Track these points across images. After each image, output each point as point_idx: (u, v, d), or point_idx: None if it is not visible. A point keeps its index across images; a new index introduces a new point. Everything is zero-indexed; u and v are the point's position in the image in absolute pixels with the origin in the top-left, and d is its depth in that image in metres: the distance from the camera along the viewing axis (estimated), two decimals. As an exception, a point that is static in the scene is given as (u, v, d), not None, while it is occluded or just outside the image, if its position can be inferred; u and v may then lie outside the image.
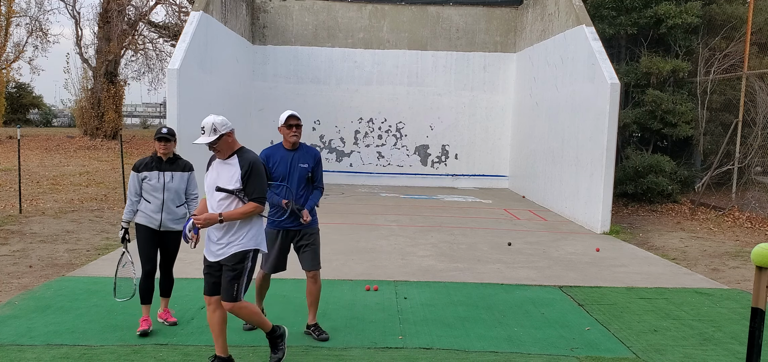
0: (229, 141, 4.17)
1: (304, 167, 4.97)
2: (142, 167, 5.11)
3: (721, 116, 14.80)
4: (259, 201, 4.13)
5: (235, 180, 4.11)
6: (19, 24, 25.74)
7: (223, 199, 4.12)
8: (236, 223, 4.12)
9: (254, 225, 4.21)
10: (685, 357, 4.99)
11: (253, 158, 4.19)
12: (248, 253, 4.16)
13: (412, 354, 4.86)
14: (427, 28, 17.52)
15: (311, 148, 5.15)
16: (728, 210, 12.80)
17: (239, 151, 4.22)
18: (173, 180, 5.10)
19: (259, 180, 4.14)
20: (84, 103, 23.48)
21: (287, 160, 4.95)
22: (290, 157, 4.96)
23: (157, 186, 5.05)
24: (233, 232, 4.13)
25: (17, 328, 5.18)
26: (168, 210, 5.08)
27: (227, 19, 14.24)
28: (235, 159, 4.17)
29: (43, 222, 10.19)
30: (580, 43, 12.12)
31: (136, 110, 46.86)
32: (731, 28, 14.98)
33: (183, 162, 5.23)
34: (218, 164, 4.24)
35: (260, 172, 4.17)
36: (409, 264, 7.92)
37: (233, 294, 4.11)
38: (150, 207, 5.06)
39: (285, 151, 4.98)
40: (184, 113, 11.08)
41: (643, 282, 7.41)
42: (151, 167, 5.10)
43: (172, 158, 5.16)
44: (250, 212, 4.11)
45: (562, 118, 13.01)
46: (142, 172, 5.09)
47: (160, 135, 5.11)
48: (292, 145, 4.98)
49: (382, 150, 17.81)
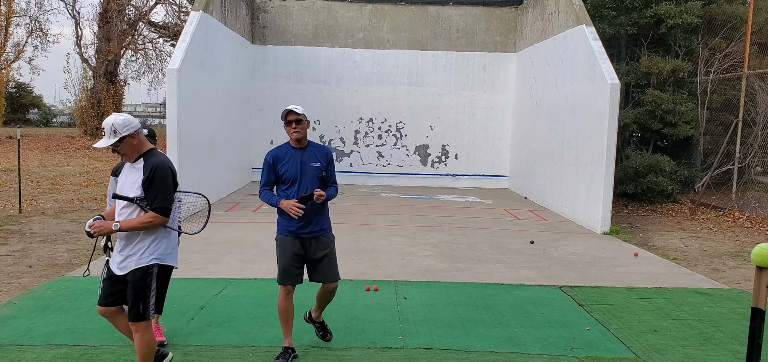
0: (133, 143, 3.73)
1: (316, 166, 4.58)
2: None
3: (721, 116, 14.81)
4: (161, 212, 3.70)
5: (137, 186, 3.71)
6: (19, 24, 25.77)
7: (125, 208, 3.75)
8: (138, 235, 3.73)
9: (159, 238, 3.79)
10: (685, 357, 4.99)
11: (157, 163, 3.73)
12: (149, 270, 3.75)
13: (412, 354, 4.86)
14: (427, 28, 17.52)
15: (322, 146, 4.79)
16: (728, 210, 12.80)
17: (146, 154, 3.79)
18: None
19: (162, 187, 3.70)
20: (84, 103, 23.49)
21: (297, 160, 4.56)
22: (299, 156, 4.57)
23: None
24: (133, 245, 3.75)
25: (17, 328, 5.18)
26: None
27: (227, 19, 14.24)
28: (141, 163, 3.76)
29: (43, 222, 10.18)
30: (580, 43, 12.12)
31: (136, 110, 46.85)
32: (731, 28, 14.98)
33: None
34: (126, 168, 3.84)
35: (164, 178, 3.72)
36: (409, 264, 7.92)
37: (140, 312, 3.73)
38: None
39: (293, 149, 4.59)
40: (184, 113, 11.08)
41: (643, 282, 7.41)
42: None
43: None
44: (148, 223, 3.69)
45: (562, 118, 13.00)
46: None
47: None
48: (298, 142, 4.59)
49: (382, 150, 17.81)
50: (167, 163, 3.79)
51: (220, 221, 10.71)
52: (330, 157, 4.72)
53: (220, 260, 7.85)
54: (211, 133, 12.92)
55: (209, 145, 12.80)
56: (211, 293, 6.32)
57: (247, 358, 4.66)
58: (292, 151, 4.59)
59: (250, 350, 4.82)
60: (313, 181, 4.54)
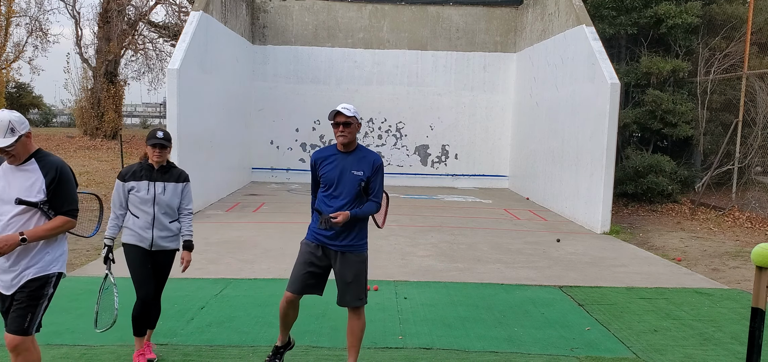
0: (27, 143, 3.37)
1: (357, 175, 4.15)
2: (129, 176, 4.37)
3: (721, 116, 14.81)
4: (72, 214, 3.48)
5: (38, 190, 3.35)
6: (19, 24, 25.73)
7: (21, 214, 3.34)
8: (37, 244, 3.39)
9: (60, 244, 3.54)
10: (685, 357, 4.99)
11: (58, 163, 3.45)
12: (51, 278, 3.48)
13: (412, 354, 4.86)
14: (427, 28, 17.52)
15: (371, 153, 4.33)
16: (728, 210, 12.80)
17: (37, 154, 3.44)
18: (165, 192, 4.38)
19: (70, 188, 3.47)
20: (84, 103, 23.46)
21: (339, 164, 4.17)
22: (343, 161, 4.18)
23: (146, 199, 4.33)
24: (31, 256, 3.39)
25: (17, 328, 5.18)
26: (160, 226, 4.36)
27: (227, 19, 14.24)
28: (33, 164, 3.39)
29: (43, 222, 10.17)
30: (580, 43, 12.12)
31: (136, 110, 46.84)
32: (731, 28, 14.98)
33: (177, 171, 4.51)
34: (8, 171, 3.39)
35: (70, 178, 3.49)
36: (409, 264, 7.92)
37: (24, 326, 3.37)
38: (138, 223, 4.33)
39: (338, 153, 4.23)
40: (184, 113, 11.08)
41: (643, 282, 7.41)
42: (140, 176, 4.36)
43: (164, 166, 4.43)
44: (58, 229, 3.42)
45: (562, 118, 13.00)
46: (128, 181, 4.35)
47: (154, 140, 4.34)
48: (344, 146, 4.21)
49: (382, 150, 17.80)
50: (64, 162, 3.52)
51: (220, 221, 10.71)
52: (377, 166, 4.24)
53: (220, 260, 7.85)
54: (211, 133, 12.92)
55: (209, 145, 12.80)
56: (211, 293, 6.32)
57: (247, 358, 4.66)
58: (337, 153, 4.24)
59: (250, 350, 4.82)
60: (350, 190, 4.15)
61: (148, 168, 4.39)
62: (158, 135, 4.39)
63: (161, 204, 4.36)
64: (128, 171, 4.43)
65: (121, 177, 4.40)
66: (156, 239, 4.36)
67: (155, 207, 4.35)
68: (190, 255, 4.53)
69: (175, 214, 4.46)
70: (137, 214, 4.35)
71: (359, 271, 4.22)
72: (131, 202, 4.36)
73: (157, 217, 4.35)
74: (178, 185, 4.47)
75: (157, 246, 4.38)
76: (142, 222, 4.34)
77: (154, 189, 4.36)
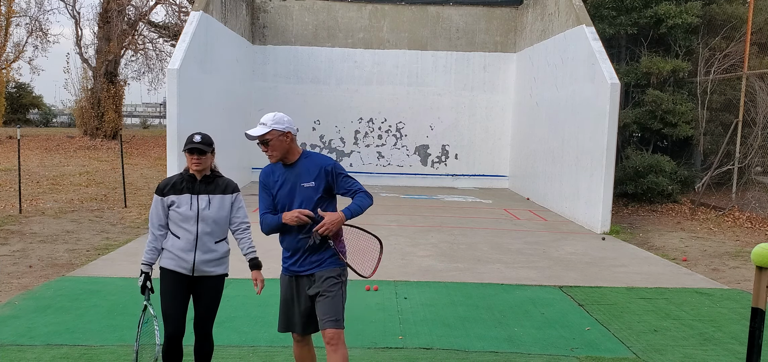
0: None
1: (308, 188, 3.55)
2: (167, 189, 3.76)
3: (721, 116, 14.80)
4: None
5: None
6: (19, 24, 25.74)
7: None
8: None
9: None
10: (685, 357, 4.99)
11: None
12: None
13: (412, 354, 4.86)
14: (427, 28, 17.52)
15: (318, 157, 3.73)
16: (728, 210, 12.80)
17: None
18: (210, 206, 3.75)
19: None
20: (84, 103, 23.46)
21: (287, 180, 3.60)
22: (288, 176, 3.60)
23: (188, 215, 3.71)
24: None
25: (17, 328, 5.18)
26: (204, 247, 3.74)
27: (227, 19, 14.24)
28: None
29: (43, 222, 10.18)
30: (580, 43, 12.12)
31: (136, 110, 46.86)
32: (731, 28, 14.98)
33: (224, 181, 3.87)
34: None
35: None
36: (409, 264, 7.92)
37: None
38: (179, 244, 3.72)
39: (282, 168, 3.64)
40: (184, 113, 11.07)
41: (643, 282, 7.41)
42: (181, 189, 3.75)
43: (208, 176, 3.80)
44: None
45: (562, 118, 13.00)
46: (167, 196, 3.74)
47: (191, 145, 3.70)
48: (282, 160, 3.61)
49: (382, 150, 17.81)
50: None
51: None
52: (329, 169, 3.61)
53: (220, 260, 7.84)
54: (211, 133, 12.83)
55: (209, 145, 12.79)
56: (211, 293, 6.32)
57: (247, 358, 4.67)
58: (281, 169, 3.63)
59: (250, 350, 4.82)
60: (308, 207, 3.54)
61: (190, 179, 3.77)
62: (195, 139, 3.73)
63: (206, 220, 3.74)
64: (167, 183, 3.82)
65: (160, 191, 3.79)
66: (198, 263, 3.74)
67: (199, 225, 3.73)
68: (261, 274, 3.85)
69: (222, 233, 3.85)
70: (178, 234, 3.74)
71: (337, 289, 3.58)
72: (172, 220, 3.76)
73: (201, 237, 3.73)
74: (226, 197, 3.82)
75: (200, 271, 3.76)
76: (184, 243, 3.72)
77: (198, 203, 3.74)
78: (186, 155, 3.75)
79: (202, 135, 3.76)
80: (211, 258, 3.78)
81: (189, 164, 3.75)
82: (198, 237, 3.73)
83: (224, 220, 3.83)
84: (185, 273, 3.75)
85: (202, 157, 3.72)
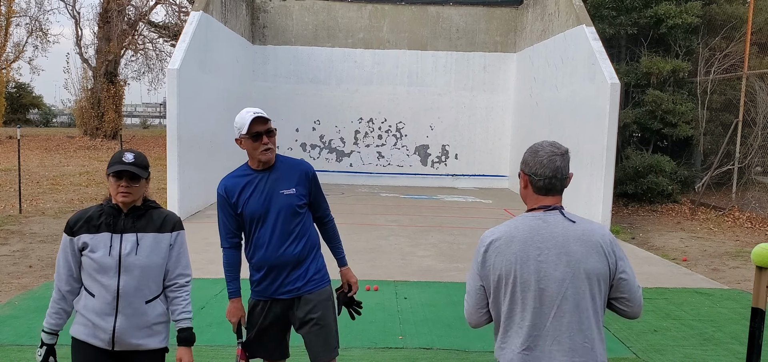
0: None
1: (289, 195, 3.05)
2: (79, 226, 2.65)
3: (721, 116, 14.81)
4: None
5: None
6: (19, 24, 25.77)
7: None
8: None
9: None
10: (685, 357, 4.99)
11: None
12: None
13: (412, 354, 4.86)
14: (427, 28, 17.52)
15: (295, 160, 3.22)
16: (728, 211, 12.80)
17: None
18: (139, 250, 2.64)
19: None
20: (84, 103, 23.49)
21: (261, 188, 3.05)
22: (264, 182, 3.06)
23: (105, 264, 2.60)
24: None
25: (17, 328, 5.18)
26: (129, 309, 2.63)
27: (227, 19, 14.25)
28: None
29: (43, 222, 10.18)
30: (580, 43, 12.12)
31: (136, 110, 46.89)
32: (731, 28, 14.98)
33: (161, 214, 2.76)
34: None
35: None
36: (409, 264, 7.92)
37: None
38: (93, 304, 2.63)
39: (254, 172, 3.10)
40: (184, 113, 11.08)
41: (643, 282, 7.41)
42: (98, 226, 2.64)
43: (139, 208, 2.70)
44: None
45: (562, 118, 13.00)
46: (78, 235, 2.63)
47: (120, 165, 2.60)
48: (264, 163, 3.08)
49: (382, 150, 17.81)
50: None
51: (220, 221, 10.70)
52: (311, 176, 3.17)
53: (220, 260, 7.83)
54: (211, 133, 12.91)
55: (209, 144, 12.80)
56: (211, 293, 6.32)
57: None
58: (253, 173, 3.10)
59: (250, 350, 4.82)
60: (286, 220, 3.04)
61: (112, 212, 2.66)
62: (127, 157, 2.62)
63: (131, 270, 2.62)
64: (80, 218, 2.67)
65: (69, 228, 2.66)
66: (121, 332, 2.64)
67: (121, 278, 2.61)
68: (190, 355, 2.83)
69: (157, 288, 2.72)
70: (93, 290, 2.63)
71: (327, 312, 3.16)
72: (85, 270, 2.64)
73: (124, 294, 2.62)
74: (162, 237, 2.70)
75: (124, 344, 2.66)
76: (100, 304, 2.61)
77: (121, 246, 2.62)
78: (110, 180, 2.64)
79: (135, 153, 2.66)
80: (141, 325, 2.67)
81: (113, 192, 2.64)
82: (119, 294, 2.61)
83: (158, 270, 2.70)
84: (103, 347, 2.64)
85: (134, 185, 2.62)
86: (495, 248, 2.15)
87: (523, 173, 2.20)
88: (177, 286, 2.77)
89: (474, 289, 2.28)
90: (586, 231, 2.09)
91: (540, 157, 2.15)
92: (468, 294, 2.34)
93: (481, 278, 2.21)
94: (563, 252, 2.06)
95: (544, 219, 2.12)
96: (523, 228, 2.13)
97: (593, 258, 2.06)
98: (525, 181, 2.20)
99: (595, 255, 2.06)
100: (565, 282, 2.04)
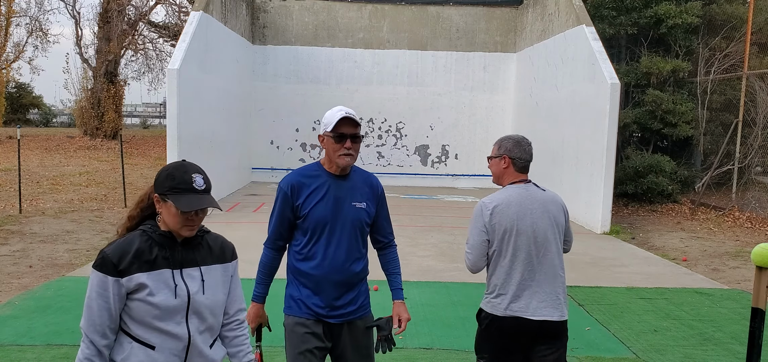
0: None
1: (359, 208, 2.80)
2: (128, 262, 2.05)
3: (721, 116, 14.81)
4: None
5: None
6: (19, 24, 25.76)
7: None
8: None
9: None
10: (685, 357, 4.99)
11: None
12: None
13: (412, 354, 4.86)
14: (427, 28, 17.52)
15: (367, 173, 2.95)
16: (728, 211, 12.80)
17: None
18: (207, 287, 2.16)
19: None
20: (84, 103, 23.48)
21: (332, 193, 2.76)
22: (336, 188, 2.77)
23: (172, 307, 2.07)
24: None
25: (17, 328, 5.18)
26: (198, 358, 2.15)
27: (227, 19, 14.25)
28: None
29: (43, 222, 10.18)
30: (580, 43, 12.12)
31: (136, 110, 46.86)
32: (731, 28, 14.98)
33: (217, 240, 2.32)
34: None
35: None
36: (409, 264, 7.92)
37: None
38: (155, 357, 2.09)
39: (327, 175, 2.79)
40: (184, 113, 11.08)
41: (643, 282, 7.41)
42: (153, 260, 2.07)
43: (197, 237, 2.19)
44: None
45: (562, 118, 13.00)
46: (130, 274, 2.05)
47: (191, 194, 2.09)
48: (343, 169, 2.78)
49: (382, 150, 17.81)
50: None
51: (219, 221, 10.70)
52: (380, 194, 2.93)
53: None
54: (211, 133, 12.92)
55: (209, 145, 12.81)
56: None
57: (247, 358, 4.66)
58: (325, 176, 2.78)
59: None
60: (351, 235, 2.80)
61: (164, 243, 2.11)
62: (198, 183, 2.11)
63: (200, 312, 2.13)
64: (124, 252, 2.05)
65: (110, 266, 2.05)
66: None
67: (190, 322, 2.11)
68: None
69: (218, 328, 2.25)
70: (151, 341, 2.08)
71: (368, 339, 2.93)
72: (135, 318, 2.09)
73: (195, 342, 2.12)
74: (227, 267, 2.29)
75: None
76: (165, 357, 2.09)
77: (187, 284, 2.11)
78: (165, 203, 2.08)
79: (203, 174, 2.16)
80: None
81: (172, 221, 2.08)
82: (190, 344, 2.11)
83: (222, 307, 2.25)
84: None
85: (202, 214, 2.15)
86: (499, 210, 2.90)
87: (506, 157, 2.94)
88: (237, 323, 2.32)
89: (479, 243, 3.05)
90: (553, 197, 3.00)
91: (523, 146, 2.94)
92: (473, 247, 3.10)
93: (488, 233, 2.95)
94: (544, 210, 2.92)
95: (526, 189, 2.94)
96: (515, 195, 2.92)
97: (561, 215, 2.98)
98: (507, 163, 2.94)
99: (560, 213, 2.98)
100: (548, 230, 2.91)
